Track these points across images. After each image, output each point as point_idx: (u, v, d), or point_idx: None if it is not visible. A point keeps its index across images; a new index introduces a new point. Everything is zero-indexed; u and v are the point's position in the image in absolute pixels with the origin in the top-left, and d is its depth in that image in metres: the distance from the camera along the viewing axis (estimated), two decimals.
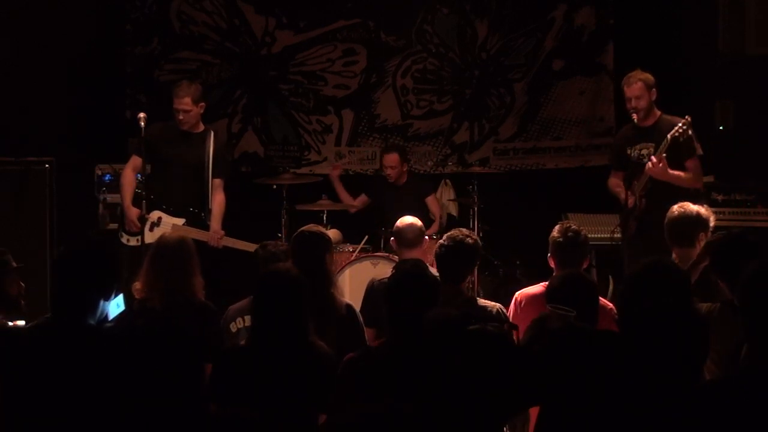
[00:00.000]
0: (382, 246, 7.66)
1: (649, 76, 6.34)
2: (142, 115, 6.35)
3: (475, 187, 7.84)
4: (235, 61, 8.78)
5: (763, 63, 7.86)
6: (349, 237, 7.66)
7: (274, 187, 7.75)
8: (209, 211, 6.46)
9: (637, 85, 6.31)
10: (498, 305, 4.76)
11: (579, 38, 8.90)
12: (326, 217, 7.62)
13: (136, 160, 6.47)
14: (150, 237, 6.35)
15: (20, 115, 7.68)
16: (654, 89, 6.32)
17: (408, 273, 3.96)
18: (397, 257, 6.22)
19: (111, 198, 7.58)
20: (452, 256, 4.76)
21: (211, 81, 8.71)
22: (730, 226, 7.19)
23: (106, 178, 7.65)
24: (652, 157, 6.10)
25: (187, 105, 6.41)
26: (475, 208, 7.77)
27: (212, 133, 6.56)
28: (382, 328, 4.86)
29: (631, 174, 6.26)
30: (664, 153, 6.07)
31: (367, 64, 8.87)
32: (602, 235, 7.48)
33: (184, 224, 6.42)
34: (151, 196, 6.37)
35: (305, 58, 8.83)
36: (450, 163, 8.87)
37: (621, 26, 8.87)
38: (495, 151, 9.02)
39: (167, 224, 6.41)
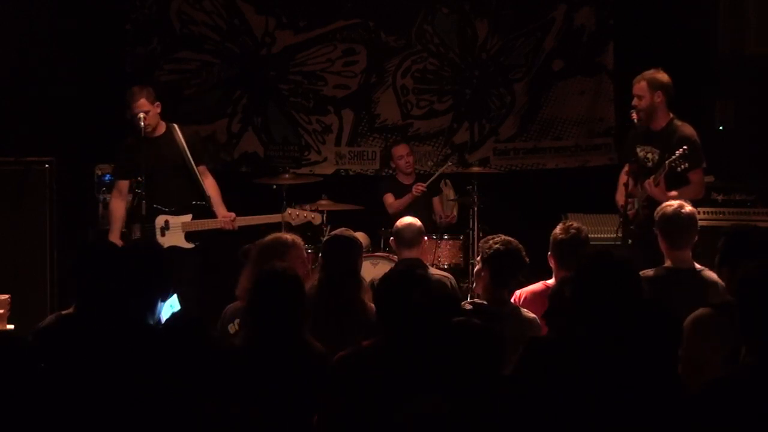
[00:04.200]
0: (382, 246, 7.67)
1: (656, 77, 6.25)
2: (142, 114, 6.38)
3: (475, 187, 7.84)
4: (235, 61, 8.77)
5: (763, 63, 7.86)
6: None
7: (274, 187, 7.75)
8: (209, 198, 6.49)
9: (640, 84, 6.27)
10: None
11: (579, 38, 8.89)
12: (326, 217, 7.62)
13: (120, 185, 6.58)
14: (163, 242, 6.40)
15: (20, 115, 7.68)
16: (660, 91, 6.22)
17: (397, 272, 3.99)
18: (396, 257, 6.23)
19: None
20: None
21: (211, 81, 8.71)
22: (729, 226, 7.20)
23: (106, 178, 7.65)
24: (651, 179, 6.07)
25: (144, 106, 6.43)
26: (475, 208, 7.77)
27: (176, 127, 6.61)
28: None
29: (637, 173, 6.27)
30: (662, 177, 6.02)
31: (367, 64, 8.87)
32: (602, 235, 7.47)
33: (192, 219, 6.46)
34: (153, 204, 6.40)
35: (305, 58, 8.83)
36: (450, 163, 8.87)
37: (621, 26, 8.87)
38: (495, 151, 9.01)
39: (176, 224, 6.45)
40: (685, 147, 6.02)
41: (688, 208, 5.13)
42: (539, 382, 3.16)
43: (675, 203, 5.21)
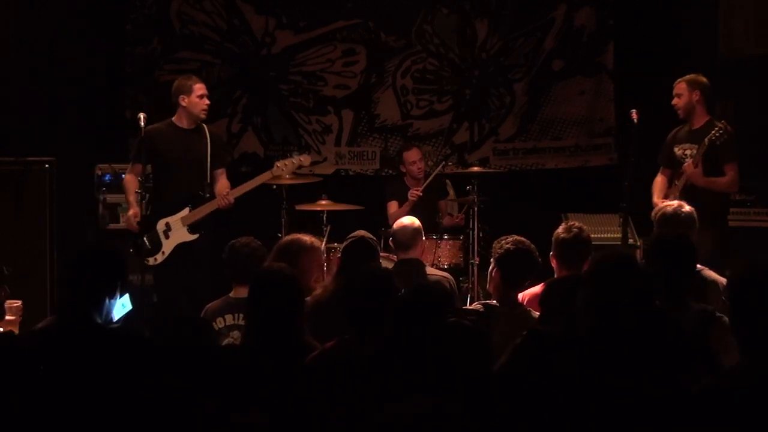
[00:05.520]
0: (382, 246, 7.66)
1: (695, 78, 6.54)
2: (142, 115, 6.37)
3: (475, 187, 7.83)
4: (235, 61, 8.78)
5: (763, 63, 7.86)
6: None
7: (274, 187, 7.73)
8: (207, 186, 6.49)
9: (679, 85, 6.56)
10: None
11: (579, 38, 8.89)
12: (326, 217, 7.62)
13: (136, 168, 6.46)
14: (169, 245, 6.41)
15: (20, 115, 7.69)
16: (697, 90, 6.49)
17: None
18: (395, 257, 6.22)
19: (111, 198, 7.59)
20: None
21: (211, 81, 8.69)
22: (729, 226, 7.20)
23: (106, 178, 7.66)
24: (690, 161, 6.21)
25: (204, 89, 6.54)
26: (475, 208, 7.76)
27: (206, 126, 6.62)
28: None
29: (671, 176, 6.52)
30: (701, 156, 6.21)
31: (367, 64, 8.87)
32: (603, 235, 7.46)
33: (190, 211, 6.45)
34: (151, 198, 6.39)
35: (305, 58, 8.83)
36: (450, 163, 8.86)
37: (621, 26, 8.87)
38: (495, 151, 9.01)
39: (176, 221, 6.46)
40: (723, 121, 6.28)
41: (687, 207, 5.19)
42: (532, 375, 3.16)
43: (674, 203, 5.27)
